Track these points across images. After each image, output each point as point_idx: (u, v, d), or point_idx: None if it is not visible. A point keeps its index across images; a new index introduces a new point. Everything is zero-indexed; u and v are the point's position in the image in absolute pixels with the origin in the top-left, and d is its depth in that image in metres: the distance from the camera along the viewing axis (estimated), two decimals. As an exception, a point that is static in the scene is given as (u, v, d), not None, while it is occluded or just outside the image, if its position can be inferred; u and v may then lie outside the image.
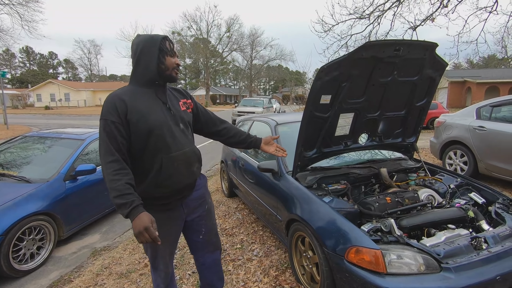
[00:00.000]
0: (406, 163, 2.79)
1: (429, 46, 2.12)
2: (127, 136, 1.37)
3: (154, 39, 1.41)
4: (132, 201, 1.26)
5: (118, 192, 1.26)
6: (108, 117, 1.34)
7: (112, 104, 1.35)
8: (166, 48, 1.42)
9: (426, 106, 2.57)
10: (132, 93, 1.41)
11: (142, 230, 1.24)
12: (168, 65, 1.43)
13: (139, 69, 1.42)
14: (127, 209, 1.26)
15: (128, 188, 1.28)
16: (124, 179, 1.29)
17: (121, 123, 1.34)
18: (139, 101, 1.39)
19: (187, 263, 2.71)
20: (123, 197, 1.26)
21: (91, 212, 3.52)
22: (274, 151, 1.81)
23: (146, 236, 1.25)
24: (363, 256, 1.61)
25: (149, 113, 1.39)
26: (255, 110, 14.75)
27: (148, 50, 1.40)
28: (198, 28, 41.47)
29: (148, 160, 1.42)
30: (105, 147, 1.33)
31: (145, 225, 1.24)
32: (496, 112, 4.35)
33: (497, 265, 1.60)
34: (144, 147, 1.40)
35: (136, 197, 1.29)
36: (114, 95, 1.39)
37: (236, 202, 4.27)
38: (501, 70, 29.97)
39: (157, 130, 1.39)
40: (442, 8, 6.36)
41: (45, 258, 2.87)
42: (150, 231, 1.25)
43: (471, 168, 4.44)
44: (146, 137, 1.38)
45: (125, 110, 1.35)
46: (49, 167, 3.25)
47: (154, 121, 1.39)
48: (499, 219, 1.98)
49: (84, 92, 41.33)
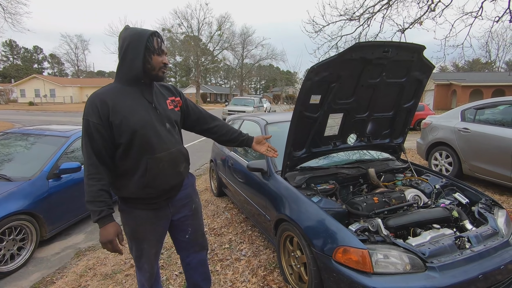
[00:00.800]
0: (394, 164, 2.83)
1: (417, 48, 2.15)
2: (109, 138, 1.34)
3: (141, 36, 1.33)
4: (101, 210, 1.31)
5: (90, 197, 1.32)
6: (89, 117, 1.31)
7: (94, 105, 1.31)
8: (153, 47, 1.35)
9: (413, 107, 2.61)
10: (116, 92, 1.36)
11: (106, 241, 1.33)
12: (155, 64, 1.37)
13: (124, 66, 1.37)
14: (96, 217, 1.32)
15: (101, 195, 1.32)
16: (97, 185, 1.32)
17: (102, 124, 1.31)
18: (122, 101, 1.35)
19: (174, 263, 2.67)
20: (93, 203, 1.31)
21: (75, 211, 3.42)
22: (265, 151, 1.80)
23: (110, 247, 1.34)
24: (351, 256, 1.62)
25: (132, 114, 1.35)
26: (246, 109, 14.72)
27: (134, 47, 1.33)
28: (189, 26, 41.07)
29: (133, 161, 1.39)
30: (85, 148, 1.33)
31: (109, 238, 1.33)
32: (480, 114, 4.47)
33: (480, 264, 1.64)
34: (129, 148, 1.36)
35: (106, 205, 1.33)
36: (97, 95, 1.34)
37: (225, 201, 4.24)
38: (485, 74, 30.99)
39: (141, 130, 1.35)
40: (430, 12, 6.49)
41: (26, 259, 2.78)
42: (113, 244, 1.35)
43: (456, 169, 4.56)
44: (130, 138, 1.34)
45: (107, 112, 1.31)
46: (31, 165, 3.14)
47: (137, 122, 1.35)
48: (481, 219, 2.03)
49: (71, 88, 40.33)
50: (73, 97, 39.81)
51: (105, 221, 1.33)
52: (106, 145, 1.34)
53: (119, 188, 1.45)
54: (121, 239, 1.39)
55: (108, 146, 1.34)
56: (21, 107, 30.24)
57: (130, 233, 1.52)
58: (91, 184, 1.31)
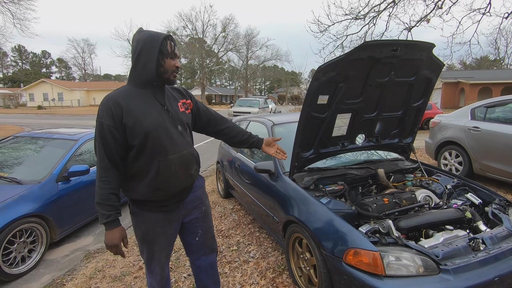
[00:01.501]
0: (403, 164, 2.79)
1: (426, 46, 2.12)
2: (122, 140, 1.35)
3: (155, 39, 1.34)
4: (109, 214, 1.35)
5: (100, 199, 1.35)
6: (103, 119, 1.32)
7: (108, 107, 1.32)
8: (167, 50, 1.36)
9: (423, 106, 2.57)
10: (129, 94, 1.37)
11: (111, 245, 1.37)
12: (168, 68, 1.38)
13: (137, 69, 1.37)
14: (103, 220, 1.35)
15: (110, 199, 1.35)
16: (107, 188, 1.34)
17: (116, 127, 1.32)
18: (135, 103, 1.36)
19: (182, 265, 2.67)
20: (102, 206, 1.34)
21: (84, 213, 3.45)
22: (275, 153, 1.79)
23: (114, 250, 1.38)
24: (362, 258, 1.60)
25: (145, 116, 1.35)
26: (251, 110, 14.72)
27: (147, 50, 1.34)
28: (194, 28, 41.31)
29: (145, 163, 1.39)
30: (98, 151, 1.35)
31: (115, 242, 1.37)
32: (491, 112, 4.38)
33: (495, 266, 1.59)
34: (141, 150, 1.37)
35: (114, 209, 1.37)
36: (110, 97, 1.35)
37: (232, 203, 4.23)
38: (494, 71, 30.45)
39: (154, 132, 1.36)
40: (437, 9, 6.40)
41: (37, 261, 2.81)
42: (118, 248, 1.39)
43: (466, 169, 4.47)
44: (143, 140, 1.35)
45: (120, 114, 1.31)
46: (41, 168, 3.18)
47: (150, 124, 1.35)
48: (496, 220, 1.98)
49: (78, 92, 40.87)
50: (80, 100, 40.33)
51: (112, 225, 1.37)
52: (119, 147, 1.35)
53: (130, 190, 1.45)
54: (125, 243, 1.42)
55: (120, 148, 1.35)
56: (30, 111, 30.76)
57: (141, 236, 1.52)
58: (101, 186, 1.34)
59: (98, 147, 1.34)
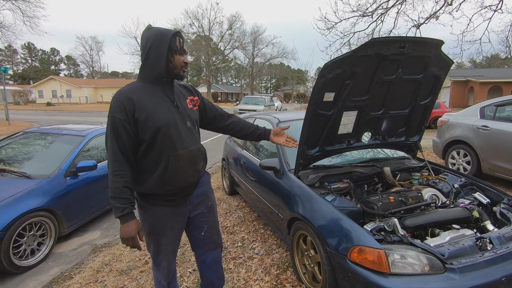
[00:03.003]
0: (410, 162, 2.76)
1: (434, 43, 2.09)
2: (134, 135, 1.37)
3: (165, 36, 1.37)
4: (124, 207, 1.35)
5: (114, 193, 1.35)
6: (115, 114, 1.34)
7: (120, 102, 1.35)
8: (176, 46, 1.39)
9: (431, 105, 2.53)
10: (140, 90, 1.40)
11: (128, 237, 1.37)
12: (177, 63, 1.41)
13: (148, 65, 1.40)
14: (119, 213, 1.35)
15: (124, 192, 1.36)
16: (121, 182, 1.35)
17: (128, 121, 1.34)
18: (147, 98, 1.38)
19: (187, 260, 2.70)
20: (117, 200, 1.35)
21: (92, 208, 3.51)
22: (285, 141, 1.77)
23: (130, 243, 1.38)
24: (366, 255, 1.59)
25: (156, 111, 1.38)
26: (257, 108, 14.74)
27: (157, 46, 1.37)
28: (200, 26, 41.30)
29: (154, 158, 1.42)
30: (111, 145, 1.37)
31: (131, 235, 1.37)
32: (501, 111, 4.31)
33: (502, 266, 1.57)
34: (152, 145, 1.40)
35: (129, 202, 1.37)
36: (122, 92, 1.38)
37: (237, 200, 4.25)
38: (505, 69, 29.78)
39: (164, 128, 1.39)
40: (447, 6, 6.30)
41: (46, 254, 2.87)
42: (134, 241, 1.38)
43: (474, 168, 4.41)
44: (153, 135, 1.38)
45: (132, 108, 1.34)
46: (50, 163, 3.24)
47: (161, 119, 1.38)
48: (504, 220, 1.95)
49: (86, 89, 41.37)
50: (88, 97, 40.83)
51: (127, 218, 1.37)
52: (131, 141, 1.37)
53: (139, 184, 1.48)
54: (141, 236, 1.43)
55: (132, 143, 1.38)
56: (39, 107, 31.24)
57: (148, 230, 1.54)
58: (115, 180, 1.35)
59: (111, 141, 1.36)
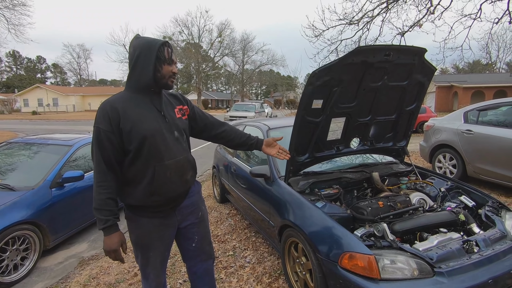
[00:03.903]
0: (397, 167, 2.81)
1: (418, 51, 2.15)
2: (119, 145, 1.35)
3: (152, 45, 1.36)
4: (107, 219, 1.34)
5: (97, 205, 1.34)
6: (100, 125, 1.33)
7: (105, 112, 1.33)
8: (164, 56, 1.38)
9: (416, 110, 2.60)
10: (126, 100, 1.38)
11: (110, 250, 1.36)
12: (165, 73, 1.40)
13: (135, 75, 1.39)
14: (102, 225, 1.34)
15: (108, 204, 1.35)
16: (104, 193, 1.34)
17: (113, 131, 1.33)
18: (132, 108, 1.37)
19: (178, 271, 2.64)
20: (100, 211, 1.34)
21: (78, 220, 3.42)
22: (276, 153, 1.75)
23: (113, 256, 1.37)
24: (357, 261, 1.60)
25: (142, 121, 1.37)
26: (247, 115, 14.77)
27: (145, 56, 1.36)
28: (190, 33, 41.47)
29: (140, 168, 1.39)
30: (95, 155, 1.36)
31: (113, 247, 1.36)
32: (483, 116, 4.45)
33: (489, 269, 1.60)
34: (137, 155, 1.38)
35: (113, 214, 1.36)
36: (107, 102, 1.36)
37: (228, 207, 4.22)
38: (486, 75, 30.93)
39: (150, 138, 1.37)
40: (429, 14, 6.51)
41: (30, 269, 2.76)
42: (117, 253, 1.38)
43: (460, 171, 4.52)
44: (139, 146, 1.36)
45: (117, 118, 1.32)
46: (34, 174, 3.15)
47: (147, 130, 1.37)
48: (489, 222, 2.00)
49: (73, 97, 40.68)
50: (75, 105, 40.12)
51: (110, 230, 1.36)
52: (116, 152, 1.36)
53: (126, 195, 1.45)
54: (124, 249, 1.41)
55: (117, 153, 1.36)
56: (24, 116, 30.48)
57: (136, 241, 1.51)
58: (99, 191, 1.34)
59: (96, 152, 1.35)
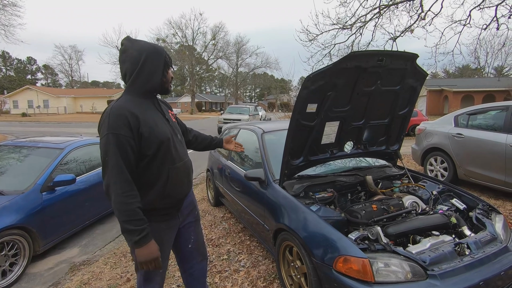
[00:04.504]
0: (390, 170, 2.84)
1: (410, 57, 2.19)
2: (138, 150, 1.34)
3: (159, 51, 1.42)
4: (142, 228, 1.26)
5: (128, 217, 1.25)
6: (119, 131, 1.27)
7: (124, 117, 1.28)
8: (169, 62, 1.46)
9: (408, 114, 2.64)
10: (138, 105, 1.37)
11: (151, 260, 1.28)
12: (169, 78, 1.47)
13: (141, 78, 1.38)
14: (137, 237, 1.25)
15: (139, 213, 1.27)
16: (134, 203, 1.27)
17: (133, 137, 1.30)
18: (145, 113, 1.37)
19: (171, 276, 2.62)
20: (133, 223, 1.25)
21: (70, 224, 3.36)
22: (234, 147, 2.07)
23: (153, 265, 1.30)
24: (351, 265, 1.61)
25: (157, 126, 1.39)
26: (241, 118, 14.75)
27: (153, 61, 1.38)
28: (184, 36, 41.36)
29: (156, 172, 1.40)
30: (116, 164, 1.26)
31: (155, 256, 1.29)
32: (473, 120, 4.54)
33: (480, 271, 1.63)
34: (153, 159, 1.38)
35: (145, 222, 1.29)
36: (122, 108, 1.31)
37: (222, 211, 4.20)
38: (475, 79, 31.63)
39: (166, 141, 1.40)
40: (420, 20, 6.64)
41: (19, 275, 2.70)
42: (157, 261, 1.30)
43: (451, 174, 4.59)
44: (156, 150, 1.37)
45: (137, 123, 1.31)
46: (25, 177, 3.09)
47: (162, 134, 1.39)
48: (479, 225, 2.03)
49: (65, 99, 40.04)
50: (67, 107, 39.50)
51: (147, 239, 1.28)
52: (135, 158, 1.33)
53: None
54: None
55: (136, 159, 1.34)
56: (13, 118, 29.90)
57: None
58: (127, 202, 1.25)
59: (116, 161, 1.26)
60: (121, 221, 1.25)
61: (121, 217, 1.25)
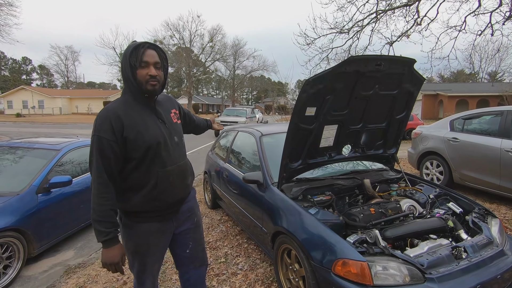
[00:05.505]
0: (388, 174, 2.86)
1: (408, 62, 2.22)
2: (121, 154, 1.33)
3: (126, 53, 1.34)
4: (109, 231, 1.30)
5: (99, 216, 1.29)
6: (101, 134, 1.28)
7: (107, 120, 1.29)
8: (134, 62, 1.32)
9: (405, 118, 2.66)
10: (127, 107, 1.36)
11: (111, 263, 1.32)
12: (141, 79, 1.34)
13: (125, 83, 1.38)
14: (103, 237, 1.30)
15: (110, 215, 1.31)
16: (107, 205, 1.30)
17: (116, 141, 1.29)
18: (135, 116, 1.35)
19: (169, 279, 2.60)
20: (102, 223, 1.29)
21: (65, 226, 3.32)
22: (217, 126, 2.25)
23: (113, 268, 1.33)
24: (350, 268, 1.61)
25: (146, 129, 1.36)
26: (238, 120, 14.75)
27: (124, 65, 1.35)
28: (181, 38, 41.26)
29: (143, 175, 1.38)
30: (96, 165, 1.30)
31: (115, 260, 1.32)
32: (468, 124, 4.60)
33: (477, 274, 1.65)
34: (141, 163, 1.36)
35: (114, 226, 1.32)
36: (109, 110, 1.32)
37: (219, 213, 4.19)
38: (470, 84, 32.06)
39: (155, 145, 1.37)
40: (416, 25, 6.72)
41: (13, 278, 2.66)
42: (118, 266, 1.34)
43: (447, 178, 4.63)
44: (143, 153, 1.35)
45: (121, 127, 1.30)
46: (20, 179, 3.05)
47: (151, 137, 1.36)
48: (476, 228, 2.05)
49: (60, 100, 39.71)
50: (62, 108, 39.17)
51: (111, 243, 1.31)
52: (118, 161, 1.32)
53: (125, 202, 1.42)
54: (123, 261, 1.37)
55: (119, 162, 1.33)
56: (7, 118, 29.56)
57: (133, 248, 1.48)
58: (101, 203, 1.29)
59: (96, 162, 1.29)
60: (92, 220, 1.30)
61: (93, 215, 1.30)
